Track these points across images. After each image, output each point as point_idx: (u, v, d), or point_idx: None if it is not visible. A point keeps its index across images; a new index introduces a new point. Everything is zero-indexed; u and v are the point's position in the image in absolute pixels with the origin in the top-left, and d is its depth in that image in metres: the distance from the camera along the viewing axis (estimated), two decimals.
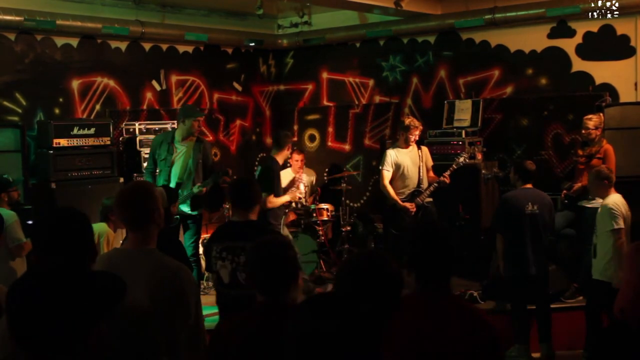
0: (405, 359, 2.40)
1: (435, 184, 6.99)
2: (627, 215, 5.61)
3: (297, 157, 8.93)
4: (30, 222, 5.88)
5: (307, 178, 9.04)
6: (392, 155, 7.12)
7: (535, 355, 6.03)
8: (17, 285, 1.70)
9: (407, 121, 7.16)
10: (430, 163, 7.31)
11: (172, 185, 6.62)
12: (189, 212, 6.68)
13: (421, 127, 7.20)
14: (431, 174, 7.24)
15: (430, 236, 2.63)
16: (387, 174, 7.11)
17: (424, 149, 7.32)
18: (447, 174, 6.95)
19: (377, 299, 2.22)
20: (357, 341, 1.59)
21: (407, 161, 7.11)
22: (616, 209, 5.53)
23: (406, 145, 7.13)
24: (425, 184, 7.12)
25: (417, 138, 7.15)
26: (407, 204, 6.99)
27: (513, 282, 6.01)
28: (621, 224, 5.50)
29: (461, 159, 7.09)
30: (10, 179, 5.86)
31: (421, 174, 7.14)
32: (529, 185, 5.99)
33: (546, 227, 5.94)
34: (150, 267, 2.80)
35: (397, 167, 7.10)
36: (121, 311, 2.42)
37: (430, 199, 7.10)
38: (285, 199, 6.61)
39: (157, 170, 6.75)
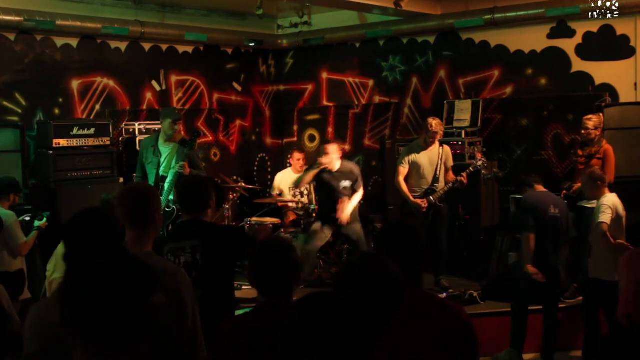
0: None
1: (450, 185, 6.92)
2: (622, 214, 5.60)
3: (298, 156, 8.95)
4: (27, 218, 5.92)
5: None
6: (410, 153, 7.04)
7: (530, 356, 6.02)
8: (76, 275, 1.73)
9: (431, 123, 6.94)
10: (451, 163, 7.14)
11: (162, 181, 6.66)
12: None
13: (442, 133, 7.03)
14: (450, 174, 7.09)
15: (396, 232, 2.70)
16: (403, 170, 7.03)
17: (446, 148, 7.14)
18: (465, 174, 6.90)
19: (377, 302, 2.22)
20: (349, 341, 1.58)
21: (424, 161, 6.99)
22: (607, 205, 5.53)
23: (426, 146, 7.02)
24: (441, 184, 7.00)
25: (437, 141, 7.01)
26: (419, 201, 6.94)
27: (525, 282, 5.87)
28: (604, 219, 5.48)
29: (479, 163, 7.05)
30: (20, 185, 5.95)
31: (438, 173, 7.00)
32: (542, 188, 5.98)
33: (565, 231, 5.88)
34: None
35: (414, 165, 7.01)
36: None
37: (441, 200, 7.02)
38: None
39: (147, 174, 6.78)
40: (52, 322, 1.88)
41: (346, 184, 7.00)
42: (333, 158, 6.96)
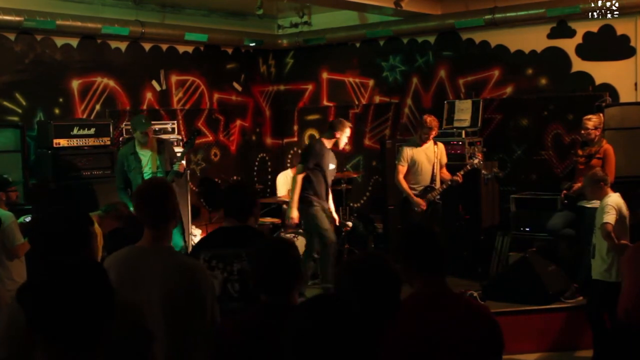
0: (408, 355, 2.42)
1: (449, 182, 7.04)
2: (625, 214, 5.59)
3: None
4: (27, 219, 5.89)
5: None
6: (408, 151, 7.15)
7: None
8: (39, 278, 1.74)
9: (426, 119, 7.14)
10: (445, 160, 7.28)
11: None
12: None
13: (437, 130, 7.18)
14: (444, 170, 7.22)
15: (423, 233, 2.71)
16: (402, 168, 7.14)
17: (440, 145, 7.28)
18: (460, 173, 7.00)
19: (377, 300, 2.22)
20: (354, 342, 1.59)
21: (422, 158, 7.12)
22: (612, 206, 5.52)
23: (421, 142, 7.15)
24: (438, 181, 7.13)
25: (431, 138, 7.15)
26: (419, 199, 7.04)
27: None
28: (609, 220, 5.47)
29: (476, 161, 7.16)
30: (10, 179, 5.85)
31: (435, 170, 7.14)
32: None
33: None
34: (166, 265, 2.83)
35: (412, 163, 7.13)
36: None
37: (439, 197, 7.14)
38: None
39: (130, 181, 6.86)
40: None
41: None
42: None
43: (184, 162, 7.01)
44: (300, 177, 6.83)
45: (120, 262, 2.90)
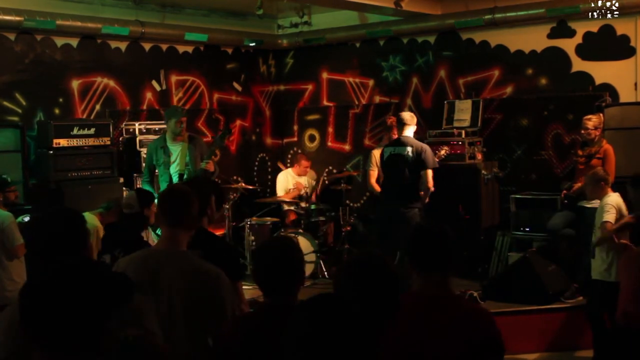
0: (408, 355, 2.42)
1: None
2: (625, 214, 5.59)
3: (305, 164, 9.06)
4: (26, 219, 5.89)
5: (308, 180, 9.10)
6: (376, 155, 7.34)
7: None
8: (35, 281, 1.74)
9: (388, 121, 7.37)
10: None
11: (175, 181, 6.66)
12: None
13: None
14: None
15: (427, 233, 2.71)
16: (373, 173, 7.45)
17: None
18: None
19: (377, 300, 2.23)
20: (355, 342, 1.60)
21: None
22: (612, 205, 5.53)
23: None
24: None
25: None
26: None
27: None
28: (609, 219, 5.47)
29: (442, 152, 7.30)
30: (8, 179, 5.85)
31: None
32: None
33: None
34: (187, 270, 2.84)
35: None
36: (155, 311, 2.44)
37: None
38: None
39: (156, 173, 6.81)
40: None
41: None
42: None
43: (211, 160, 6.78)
44: None
45: (137, 264, 2.92)
